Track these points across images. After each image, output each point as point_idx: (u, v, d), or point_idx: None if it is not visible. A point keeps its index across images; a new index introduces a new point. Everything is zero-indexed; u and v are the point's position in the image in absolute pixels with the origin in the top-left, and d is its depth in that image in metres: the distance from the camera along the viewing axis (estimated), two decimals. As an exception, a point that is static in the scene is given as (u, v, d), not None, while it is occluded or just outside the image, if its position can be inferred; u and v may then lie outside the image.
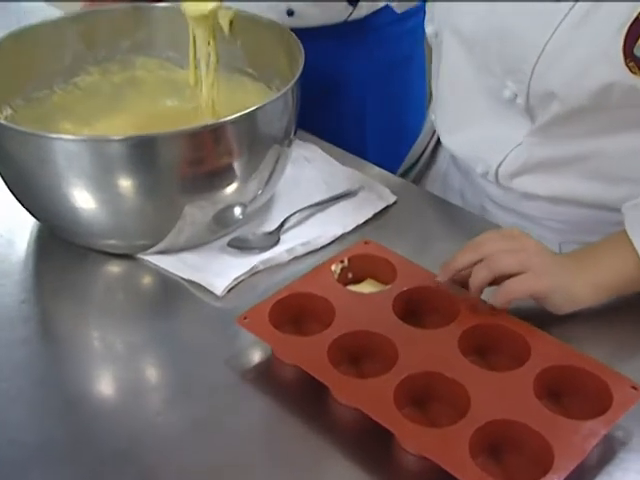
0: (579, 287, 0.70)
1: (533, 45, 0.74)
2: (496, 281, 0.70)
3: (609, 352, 0.69)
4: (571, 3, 0.72)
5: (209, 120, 0.87)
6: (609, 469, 0.62)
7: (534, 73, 0.75)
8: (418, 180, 1.05)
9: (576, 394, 0.65)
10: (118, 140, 0.74)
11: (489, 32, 0.78)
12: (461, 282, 0.72)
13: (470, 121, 0.86)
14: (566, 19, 0.72)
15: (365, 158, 0.99)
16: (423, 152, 1.04)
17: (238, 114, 0.76)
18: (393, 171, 1.00)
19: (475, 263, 0.70)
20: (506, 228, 0.73)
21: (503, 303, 0.69)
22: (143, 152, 0.75)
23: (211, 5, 0.86)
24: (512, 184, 0.85)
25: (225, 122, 0.76)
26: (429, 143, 1.03)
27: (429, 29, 0.87)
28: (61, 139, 0.75)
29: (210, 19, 0.88)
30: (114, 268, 0.83)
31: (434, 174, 1.04)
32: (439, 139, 0.96)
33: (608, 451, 0.63)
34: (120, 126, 0.93)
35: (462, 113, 0.87)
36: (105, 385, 0.72)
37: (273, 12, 1.02)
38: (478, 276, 0.69)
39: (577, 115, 0.75)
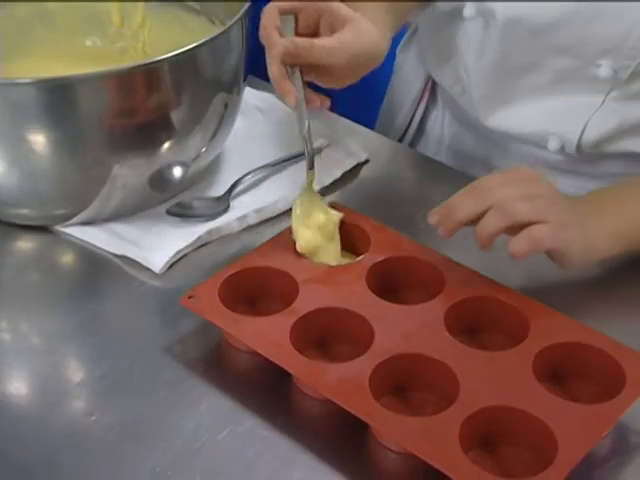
0: (598, 237, 0.74)
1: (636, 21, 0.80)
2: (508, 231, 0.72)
3: (621, 327, 0.73)
4: None
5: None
6: (622, 461, 0.65)
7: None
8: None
9: (583, 375, 0.68)
10: (28, 84, 0.75)
11: (572, 15, 0.83)
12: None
13: (524, 100, 0.91)
14: None
15: (331, 110, 1.02)
16: (412, 117, 1.08)
17: (174, 52, 0.77)
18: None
19: (482, 213, 0.72)
20: (513, 168, 0.75)
21: (524, 253, 0.70)
22: (60, 99, 0.76)
23: None
24: (602, 149, 0.89)
25: (159, 62, 0.77)
26: (419, 104, 1.08)
27: (467, 12, 0.91)
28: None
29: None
30: (27, 243, 0.84)
31: (428, 141, 1.08)
32: (432, 99, 1.02)
33: (620, 440, 0.66)
34: (29, 70, 0.92)
35: (512, 92, 0.92)
36: (21, 385, 0.73)
37: None
38: (491, 223, 0.71)
39: None
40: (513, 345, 0.69)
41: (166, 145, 0.82)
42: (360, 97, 1.23)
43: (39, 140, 0.77)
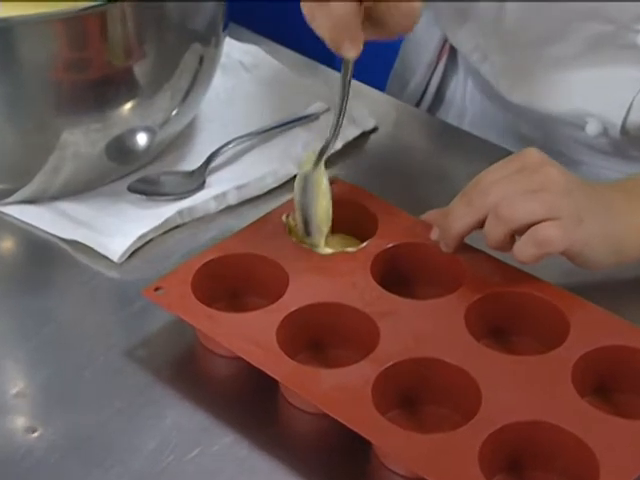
0: (628, 232, 0.75)
1: None
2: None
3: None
4: None
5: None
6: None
7: None
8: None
9: (632, 385, 0.69)
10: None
11: None
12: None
13: (552, 73, 0.93)
14: None
15: (332, 67, 1.04)
16: (428, 82, 1.11)
17: (136, -8, 0.79)
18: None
19: (482, 220, 0.74)
20: (518, 154, 0.76)
21: (532, 258, 0.72)
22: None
23: None
24: None
25: (118, 3, 0.78)
26: (435, 68, 1.10)
27: None
28: None
29: None
30: (-45, 225, 0.86)
31: (448, 112, 1.10)
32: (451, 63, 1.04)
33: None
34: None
35: (535, 63, 0.94)
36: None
37: None
38: (492, 235, 0.73)
39: None
40: (548, 349, 0.70)
41: (127, 106, 0.83)
42: (368, 55, 1.25)
43: (-32, 99, 0.78)
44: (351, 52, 0.73)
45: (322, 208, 0.79)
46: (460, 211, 0.75)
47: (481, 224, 0.74)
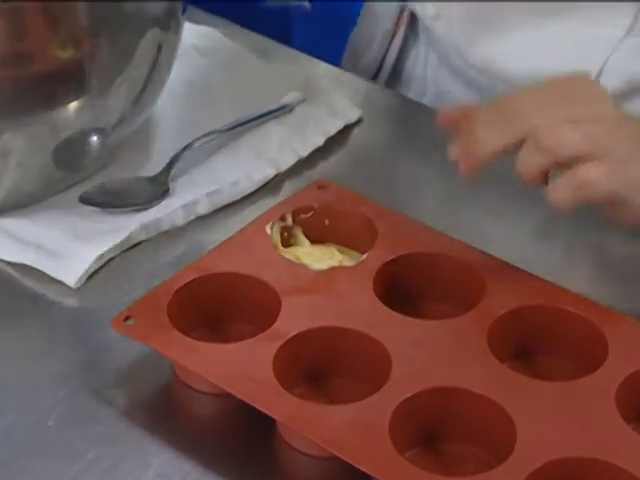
0: None
1: None
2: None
3: None
4: None
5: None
6: None
7: None
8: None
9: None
10: None
11: None
12: None
13: (512, 25, 0.93)
14: None
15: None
16: (387, 50, 1.10)
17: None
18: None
19: (517, 143, 0.72)
20: (562, 77, 0.74)
21: (569, 201, 0.71)
22: None
23: None
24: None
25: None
26: (393, 38, 1.10)
27: None
28: None
29: None
30: None
31: (408, 87, 1.10)
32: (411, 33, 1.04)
33: None
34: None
35: (496, 14, 0.94)
36: None
37: None
38: (528, 165, 0.71)
39: None
40: (585, 372, 0.69)
41: (76, 105, 0.82)
42: (326, 27, 1.25)
43: None
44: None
45: None
46: (492, 129, 0.73)
47: (515, 148, 0.72)
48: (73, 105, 0.82)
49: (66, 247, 0.82)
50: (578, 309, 0.73)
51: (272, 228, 0.79)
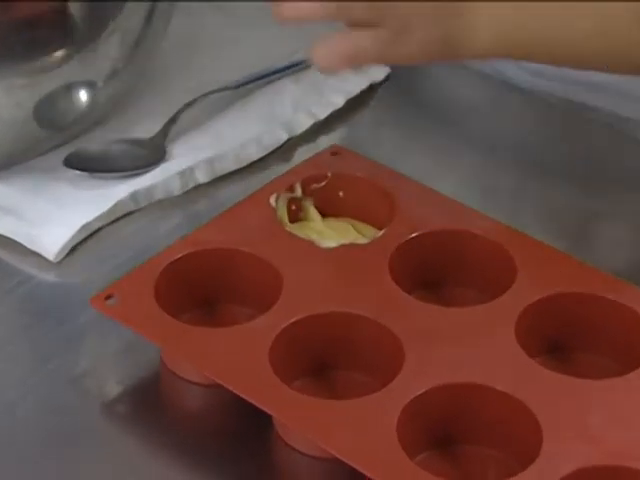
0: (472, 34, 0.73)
1: None
2: None
3: None
4: None
5: None
6: None
7: None
8: None
9: None
10: None
11: None
12: None
13: None
14: None
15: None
16: None
17: None
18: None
19: None
20: None
21: (329, 65, 0.72)
22: None
23: None
24: None
25: None
26: None
27: None
28: None
29: None
30: None
31: None
32: None
33: None
34: None
35: None
36: None
37: None
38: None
39: None
40: (628, 369, 0.69)
41: (61, 54, 0.83)
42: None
43: None
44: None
45: None
46: None
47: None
48: (57, 54, 0.82)
49: (47, 215, 0.82)
50: (620, 297, 0.72)
51: (277, 200, 0.79)
